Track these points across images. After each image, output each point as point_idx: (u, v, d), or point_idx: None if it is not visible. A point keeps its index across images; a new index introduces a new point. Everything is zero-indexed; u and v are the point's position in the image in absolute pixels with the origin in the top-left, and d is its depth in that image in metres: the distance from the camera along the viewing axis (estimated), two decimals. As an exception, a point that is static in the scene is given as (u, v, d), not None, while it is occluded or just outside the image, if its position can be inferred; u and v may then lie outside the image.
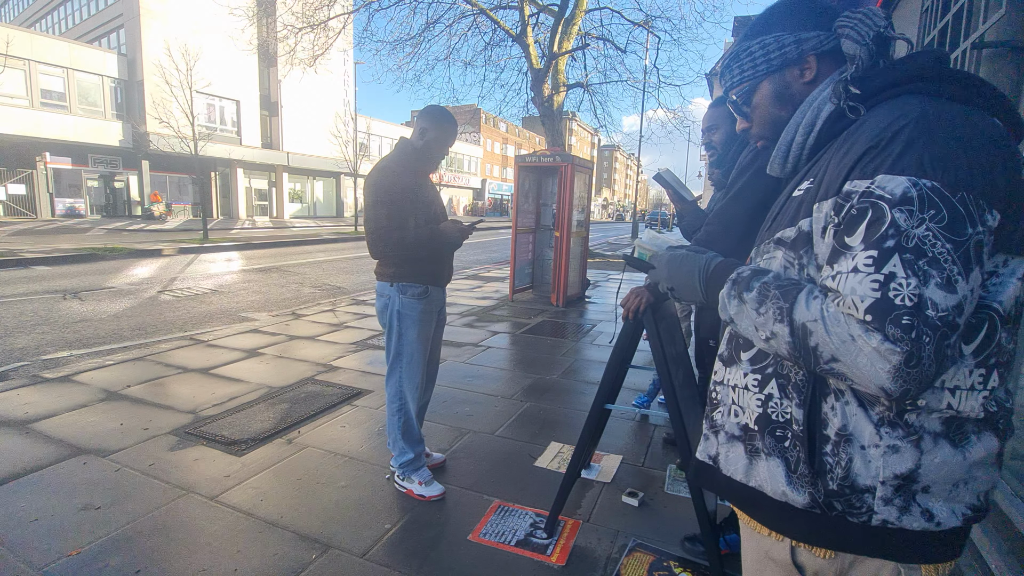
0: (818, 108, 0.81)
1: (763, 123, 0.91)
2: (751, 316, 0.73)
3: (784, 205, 0.82)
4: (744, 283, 0.75)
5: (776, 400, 0.77)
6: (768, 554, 0.81)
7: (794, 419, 0.74)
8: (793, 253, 0.75)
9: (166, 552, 1.88)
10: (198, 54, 14.28)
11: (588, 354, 4.72)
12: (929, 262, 0.59)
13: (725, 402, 0.86)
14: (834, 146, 0.76)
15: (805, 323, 0.66)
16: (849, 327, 0.62)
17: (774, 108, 0.88)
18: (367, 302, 6.72)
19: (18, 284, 7.27)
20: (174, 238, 14.65)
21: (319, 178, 30.96)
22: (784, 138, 0.86)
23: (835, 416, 0.71)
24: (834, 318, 0.63)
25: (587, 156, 56.98)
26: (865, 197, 0.64)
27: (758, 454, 0.79)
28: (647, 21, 12.13)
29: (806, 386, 0.73)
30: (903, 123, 0.65)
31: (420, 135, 2.25)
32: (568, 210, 6.69)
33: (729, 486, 0.84)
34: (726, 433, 0.85)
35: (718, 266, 0.84)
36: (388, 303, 2.25)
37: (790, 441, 0.75)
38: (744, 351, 0.83)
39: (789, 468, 0.74)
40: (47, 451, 2.57)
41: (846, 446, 0.70)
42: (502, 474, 2.53)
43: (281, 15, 12.30)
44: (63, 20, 27.40)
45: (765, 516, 0.80)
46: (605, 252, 14.65)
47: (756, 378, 0.80)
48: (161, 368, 3.87)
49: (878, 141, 0.66)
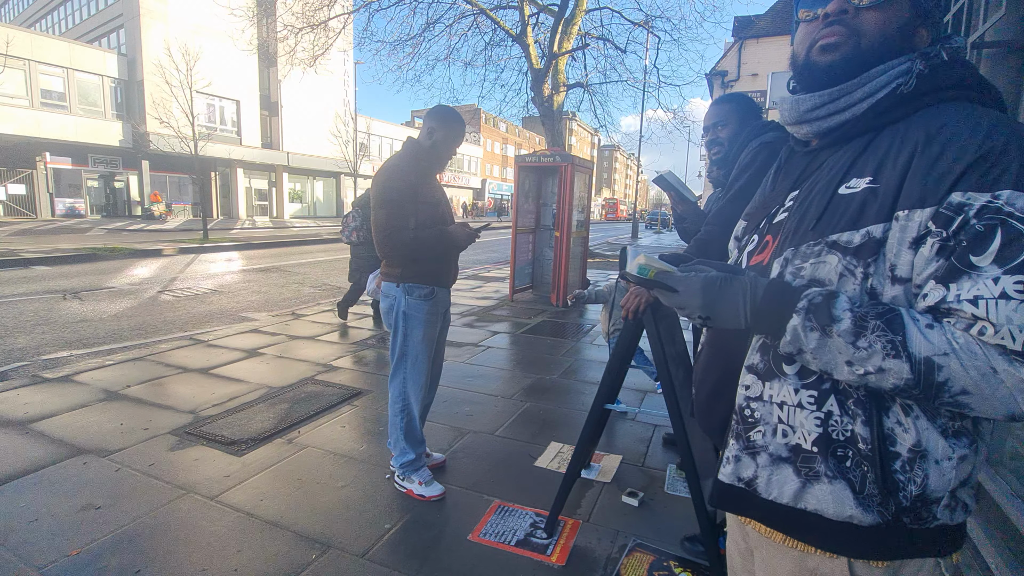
0: (894, 76, 0.73)
1: (874, 27, 0.74)
2: (845, 351, 0.65)
3: (831, 202, 0.74)
4: (824, 313, 0.67)
5: (837, 418, 0.71)
6: (816, 571, 0.77)
7: (859, 437, 0.69)
8: (856, 260, 0.69)
9: (166, 552, 1.88)
10: (198, 54, 14.28)
11: (588, 354, 4.72)
12: None
13: (768, 421, 0.77)
14: (884, 140, 0.72)
15: (931, 357, 0.60)
16: (990, 359, 0.58)
17: (894, 31, 0.74)
18: (367, 302, 6.72)
19: (18, 284, 7.27)
20: (174, 238, 14.64)
21: (319, 178, 30.95)
22: (852, 83, 0.75)
23: (906, 432, 0.68)
24: (968, 350, 0.59)
25: (587, 156, 56.99)
26: (991, 213, 0.60)
27: (817, 477, 0.73)
28: (647, 21, 12.12)
29: (869, 402, 0.69)
30: (1006, 134, 0.63)
31: (428, 135, 2.24)
32: (568, 210, 6.69)
33: (772, 510, 0.77)
34: (769, 455, 0.77)
35: (768, 290, 0.73)
36: (394, 304, 2.25)
37: (852, 460, 0.70)
38: (788, 364, 0.75)
39: (855, 490, 0.70)
40: (47, 451, 2.57)
41: (921, 462, 0.67)
42: (502, 474, 2.53)
43: (281, 15, 12.29)
44: (63, 20, 27.39)
45: (818, 538, 0.74)
46: (605, 252, 14.65)
47: (812, 395, 0.73)
48: (161, 368, 3.87)
49: (988, 150, 0.62)
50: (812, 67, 0.78)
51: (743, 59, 17.32)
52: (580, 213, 7.29)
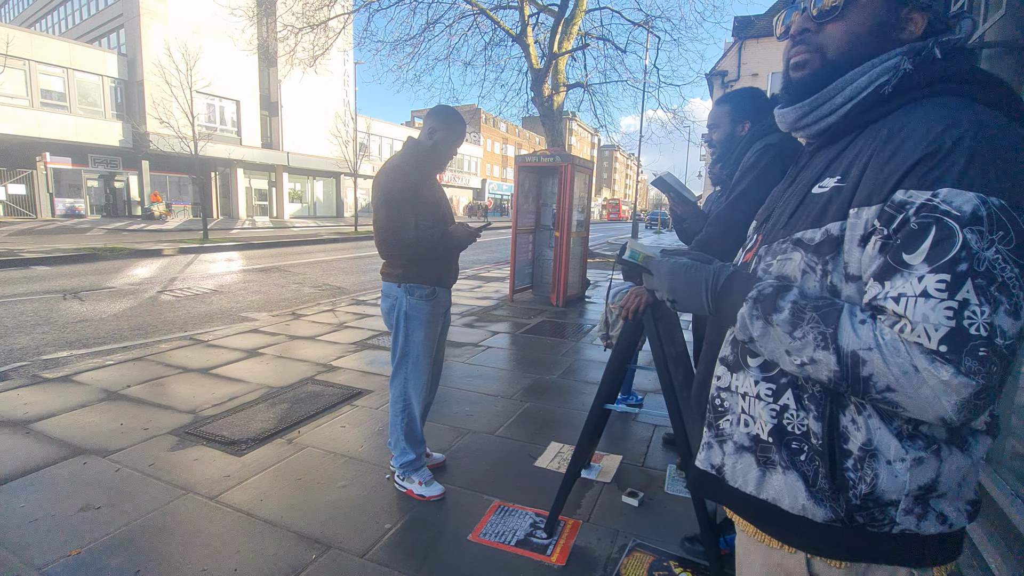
0: (877, 75, 0.72)
1: (841, 37, 0.74)
2: (782, 340, 0.67)
3: (803, 201, 0.76)
4: (769, 303, 0.69)
5: (792, 411, 0.72)
6: (781, 566, 0.78)
7: (812, 432, 0.70)
8: (816, 257, 0.70)
9: (166, 552, 1.88)
10: (198, 54, 14.27)
11: (588, 354, 4.72)
12: (999, 288, 0.56)
13: (734, 410, 0.81)
14: (861, 140, 0.71)
15: (856, 351, 0.61)
16: (912, 357, 0.57)
17: (867, 33, 0.73)
18: (367, 302, 6.72)
19: (18, 284, 7.27)
20: (174, 238, 14.64)
21: (319, 178, 30.95)
22: (828, 90, 0.75)
23: (858, 430, 0.68)
24: (892, 347, 0.59)
25: (587, 156, 56.96)
26: (928, 211, 0.59)
27: (773, 467, 0.75)
28: (647, 21, 12.12)
29: (824, 398, 0.69)
30: (963, 130, 0.60)
31: (429, 135, 2.24)
32: (568, 210, 6.69)
33: (737, 498, 0.79)
34: (734, 443, 0.80)
35: (729, 279, 0.77)
36: (395, 304, 2.25)
37: (807, 455, 0.71)
38: (752, 356, 0.78)
39: (808, 482, 0.71)
40: (47, 451, 2.57)
41: (871, 461, 0.67)
42: (502, 474, 2.53)
43: (281, 15, 12.29)
44: (63, 20, 27.40)
45: (779, 530, 0.76)
46: (605, 252, 14.64)
47: (770, 388, 0.75)
48: (161, 368, 3.87)
49: (936, 147, 0.60)
50: (790, 83, 0.81)
51: (743, 59, 17.33)
52: (580, 213, 7.29)
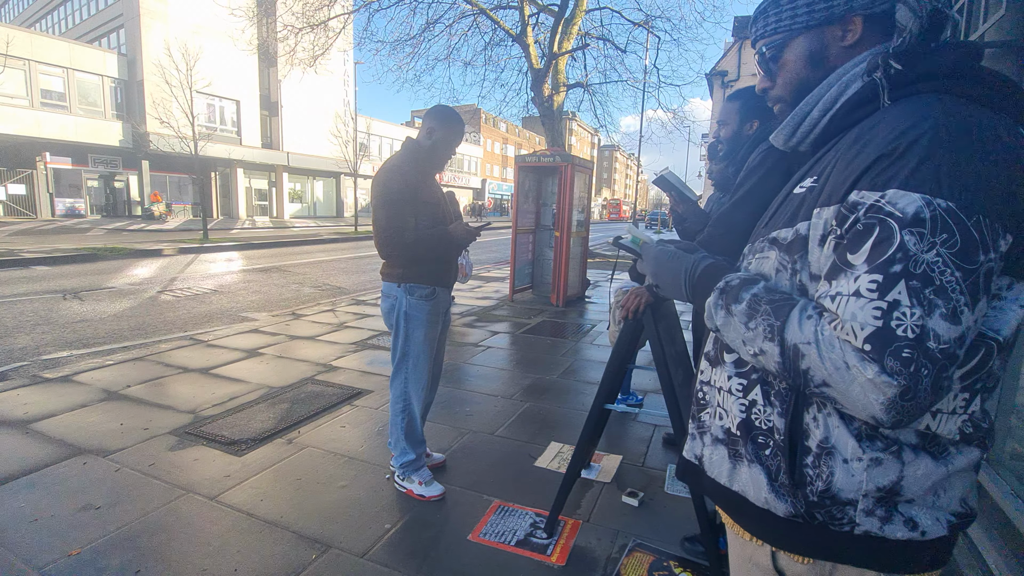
0: (845, 84, 0.74)
1: (788, 84, 0.82)
2: (739, 330, 0.70)
3: (784, 201, 0.78)
4: (732, 294, 0.72)
5: (760, 407, 0.74)
6: (752, 559, 0.80)
7: (776, 428, 0.72)
8: (788, 256, 0.71)
9: (166, 552, 1.88)
10: (198, 54, 14.27)
11: (588, 354, 4.72)
12: (936, 291, 0.55)
13: (712, 404, 0.83)
14: (843, 142, 0.71)
15: (797, 344, 0.62)
16: (844, 354, 0.58)
17: (805, 69, 0.79)
18: (367, 302, 6.72)
19: (18, 284, 7.27)
20: (174, 238, 14.65)
21: (319, 178, 30.95)
22: (800, 109, 0.79)
23: (817, 428, 0.68)
24: (828, 343, 0.60)
25: (587, 156, 56.95)
26: (873, 212, 0.59)
27: (740, 459, 0.77)
28: (647, 21, 12.12)
29: (789, 395, 0.71)
30: (922, 130, 0.60)
31: (427, 135, 2.24)
32: (568, 210, 6.69)
33: (714, 488, 0.82)
34: (711, 435, 0.83)
35: (706, 270, 0.80)
36: (395, 304, 2.25)
37: (771, 450, 0.72)
38: (728, 352, 0.80)
39: (770, 476, 0.72)
40: (47, 451, 2.57)
41: (827, 459, 0.67)
42: (502, 474, 2.53)
43: (281, 15, 12.28)
44: (63, 20, 27.39)
45: (748, 521, 0.78)
46: (605, 252, 14.64)
47: (740, 383, 0.77)
48: (161, 368, 3.87)
49: (892, 149, 0.60)
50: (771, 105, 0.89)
51: (743, 59, 17.34)
52: (580, 213, 7.29)
